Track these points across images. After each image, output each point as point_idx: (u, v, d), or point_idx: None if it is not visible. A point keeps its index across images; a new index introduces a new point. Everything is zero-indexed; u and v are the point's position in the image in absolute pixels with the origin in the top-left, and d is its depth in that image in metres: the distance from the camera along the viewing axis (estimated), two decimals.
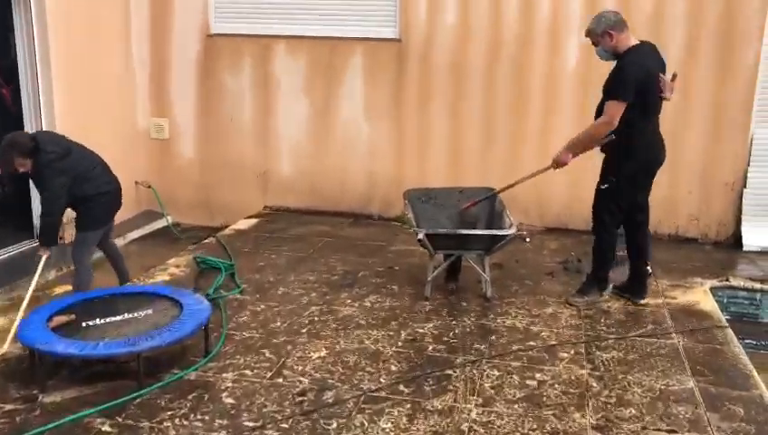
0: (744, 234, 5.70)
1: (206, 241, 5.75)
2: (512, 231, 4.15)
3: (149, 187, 6.83)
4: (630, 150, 4.16)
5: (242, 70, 6.55)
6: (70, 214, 4.46)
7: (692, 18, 5.64)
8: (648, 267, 4.62)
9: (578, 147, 4.33)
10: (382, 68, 6.27)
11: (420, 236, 4.15)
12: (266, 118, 6.60)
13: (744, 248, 5.66)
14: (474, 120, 6.16)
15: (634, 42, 4.16)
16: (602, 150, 4.32)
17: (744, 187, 5.75)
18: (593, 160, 4.44)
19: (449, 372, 3.53)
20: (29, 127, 5.66)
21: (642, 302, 4.55)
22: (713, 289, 4.83)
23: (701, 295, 4.67)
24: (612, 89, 4.10)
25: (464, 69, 6.10)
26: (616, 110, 4.03)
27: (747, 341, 4.47)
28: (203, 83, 6.66)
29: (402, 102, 6.27)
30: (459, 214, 4.74)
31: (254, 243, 5.66)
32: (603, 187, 4.35)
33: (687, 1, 5.63)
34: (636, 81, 4.01)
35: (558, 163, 4.38)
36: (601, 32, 4.14)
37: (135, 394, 3.25)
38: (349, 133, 6.45)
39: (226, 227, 6.61)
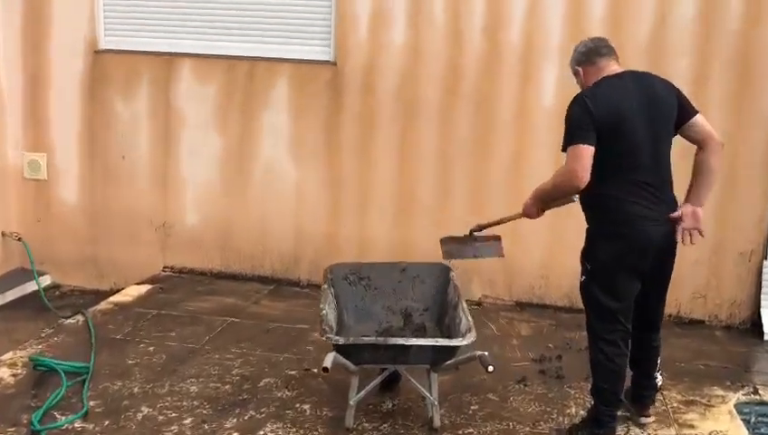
0: (764, 318, 4.51)
1: (70, 321, 4.34)
2: (466, 340, 2.84)
3: (19, 239, 5.39)
4: (603, 223, 3.03)
5: (137, 95, 5.19)
6: None
7: (699, 50, 4.48)
8: (658, 378, 3.39)
9: (542, 198, 3.23)
10: (313, 97, 4.98)
11: (332, 350, 2.82)
12: (167, 156, 5.24)
13: (766, 337, 4.46)
14: (427, 165, 4.89)
15: (612, 72, 3.04)
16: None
17: (765, 258, 4.57)
18: (575, 217, 3.23)
19: None
20: None
21: (647, 421, 3.32)
22: (738, 406, 3.60)
23: (727, 421, 3.42)
24: (565, 132, 2.98)
25: (415, 101, 4.85)
26: (574, 155, 2.90)
27: None
28: (89, 111, 5.28)
29: (337, 140, 4.98)
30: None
31: (133, 325, 4.27)
32: (581, 279, 3.14)
33: (693, 29, 4.47)
34: (590, 120, 2.88)
35: (525, 213, 3.32)
36: (573, 69, 3.17)
37: None
38: (271, 178, 5.12)
39: (117, 291, 5.24)
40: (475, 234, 3.64)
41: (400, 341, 2.81)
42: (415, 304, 3.48)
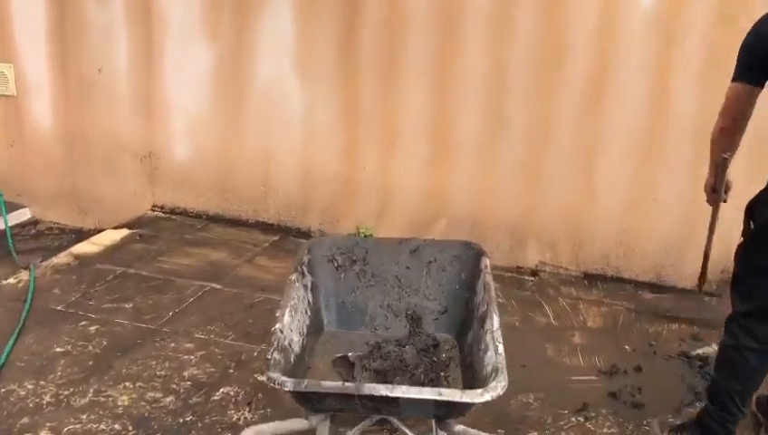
0: None
1: (9, 281, 3.48)
2: (486, 395, 1.73)
3: None
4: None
5: None
6: None
7: None
8: None
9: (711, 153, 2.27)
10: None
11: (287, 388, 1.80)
12: (149, 72, 4.20)
13: None
14: (472, 91, 3.68)
15: None
16: None
17: None
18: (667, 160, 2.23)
19: None
20: None
21: None
22: None
23: None
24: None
25: (457, 3, 3.59)
26: (728, 96, 2.15)
27: None
28: (56, 13, 4.27)
29: (355, 55, 3.81)
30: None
31: (86, 289, 3.37)
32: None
33: None
34: (748, 50, 2.10)
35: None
36: None
37: None
38: (273, 102, 4.03)
39: (100, 231, 4.39)
40: None
41: (382, 390, 1.76)
42: (427, 303, 2.40)
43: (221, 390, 2.63)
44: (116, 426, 2.41)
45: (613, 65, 3.44)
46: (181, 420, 2.45)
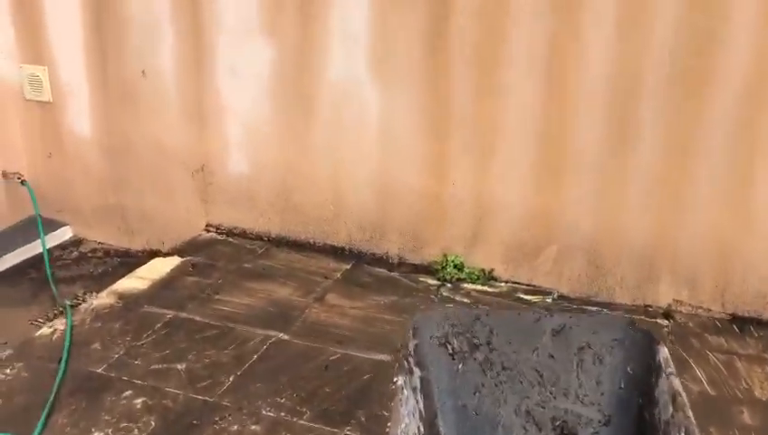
0: None
1: (43, 332, 2.96)
2: None
3: (23, 181, 4.08)
4: None
5: None
6: None
7: None
8: None
9: None
10: None
11: None
12: (199, 73, 3.61)
13: None
14: (592, 93, 2.97)
15: None
16: None
17: None
18: None
19: None
20: None
21: None
22: None
23: None
24: None
25: None
26: None
27: None
28: (93, 6, 3.70)
29: (445, 51, 3.13)
30: None
31: (130, 342, 2.82)
32: None
33: None
34: None
35: None
36: None
37: None
38: (344, 108, 3.40)
39: (150, 253, 3.90)
40: None
41: None
42: (582, 410, 1.74)
43: None
44: None
45: None
46: None
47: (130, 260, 4.01)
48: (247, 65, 3.48)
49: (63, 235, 4.24)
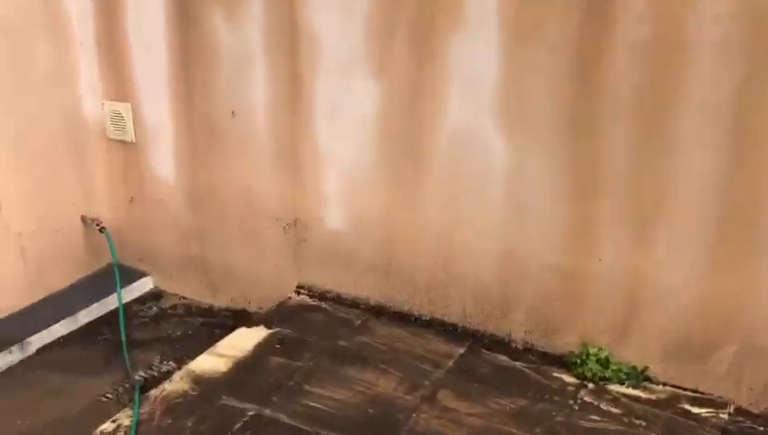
0: None
1: (104, 428, 2.51)
2: None
3: (101, 229, 3.72)
4: None
5: (247, 11, 3.08)
6: None
7: None
8: None
9: None
10: (551, 6, 2.49)
11: None
12: (295, 115, 3.13)
13: None
14: None
15: None
16: None
17: None
18: None
19: None
20: None
21: None
22: None
23: None
24: None
25: None
26: None
27: None
28: (179, 40, 3.30)
29: (598, 91, 2.48)
30: None
31: None
32: None
33: None
34: None
35: None
36: None
37: None
38: (461, 156, 2.81)
39: (235, 314, 3.47)
40: None
41: None
42: None
43: None
44: None
45: None
46: None
47: (213, 321, 3.59)
48: (350, 108, 2.97)
49: (143, 286, 3.87)
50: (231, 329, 3.37)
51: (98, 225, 3.71)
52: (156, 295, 3.84)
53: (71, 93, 3.57)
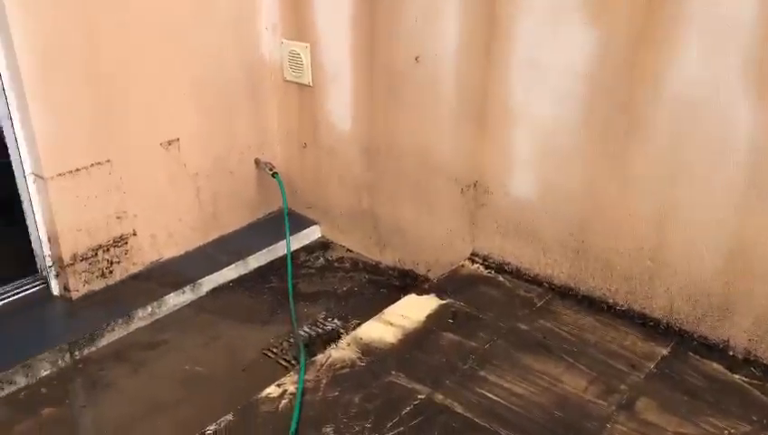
0: None
1: (268, 392, 2.38)
2: None
3: (274, 174, 3.62)
4: None
5: None
6: None
7: None
8: None
9: None
10: None
11: None
12: (488, 64, 2.76)
13: None
14: None
15: None
16: None
17: None
18: None
19: None
20: None
21: None
22: None
23: None
24: None
25: None
26: None
27: None
28: None
29: None
30: None
31: (373, 427, 2.15)
32: None
33: None
34: None
35: None
36: None
37: None
38: (692, 123, 2.31)
39: (402, 274, 3.29)
40: None
41: None
42: None
43: None
44: None
45: None
46: None
47: (379, 279, 3.40)
48: (554, 57, 2.55)
49: (311, 235, 3.76)
50: (397, 290, 3.18)
51: (271, 169, 3.61)
52: (323, 245, 3.72)
53: (250, 31, 3.44)
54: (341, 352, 2.51)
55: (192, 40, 3.20)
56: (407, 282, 3.34)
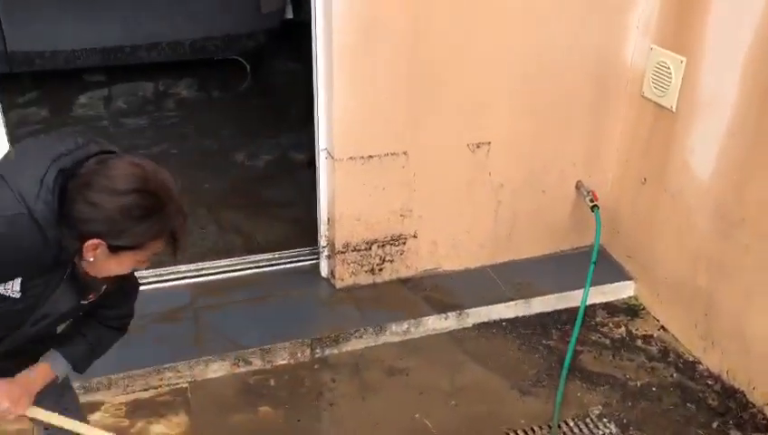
0: None
1: None
2: None
3: (594, 206, 2.89)
4: None
5: None
6: None
7: None
8: None
9: None
10: None
11: None
12: None
13: None
14: None
15: None
16: None
17: None
18: None
19: None
20: None
21: None
22: None
23: None
24: None
25: None
26: None
27: None
28: None
29: None
30: None
31: None
32: None
33: None
34: None
35: None
36: None
37: None
38: None
39: (725, 388, 2.44)
40: None
41: None
42: None
43: None
44: None
45: None
46: None
47: (691, 387, 2.58)
48: None
49: (620, 291, 2.99)
50: (711, 413, 2.32)
51: (592, 200, 2.90)
52: (631, 310, 2.92)
53: (617, 24, 2.71)
54: None
55: (537, 29, 2.62)
56: (728, 405, 2.41)
